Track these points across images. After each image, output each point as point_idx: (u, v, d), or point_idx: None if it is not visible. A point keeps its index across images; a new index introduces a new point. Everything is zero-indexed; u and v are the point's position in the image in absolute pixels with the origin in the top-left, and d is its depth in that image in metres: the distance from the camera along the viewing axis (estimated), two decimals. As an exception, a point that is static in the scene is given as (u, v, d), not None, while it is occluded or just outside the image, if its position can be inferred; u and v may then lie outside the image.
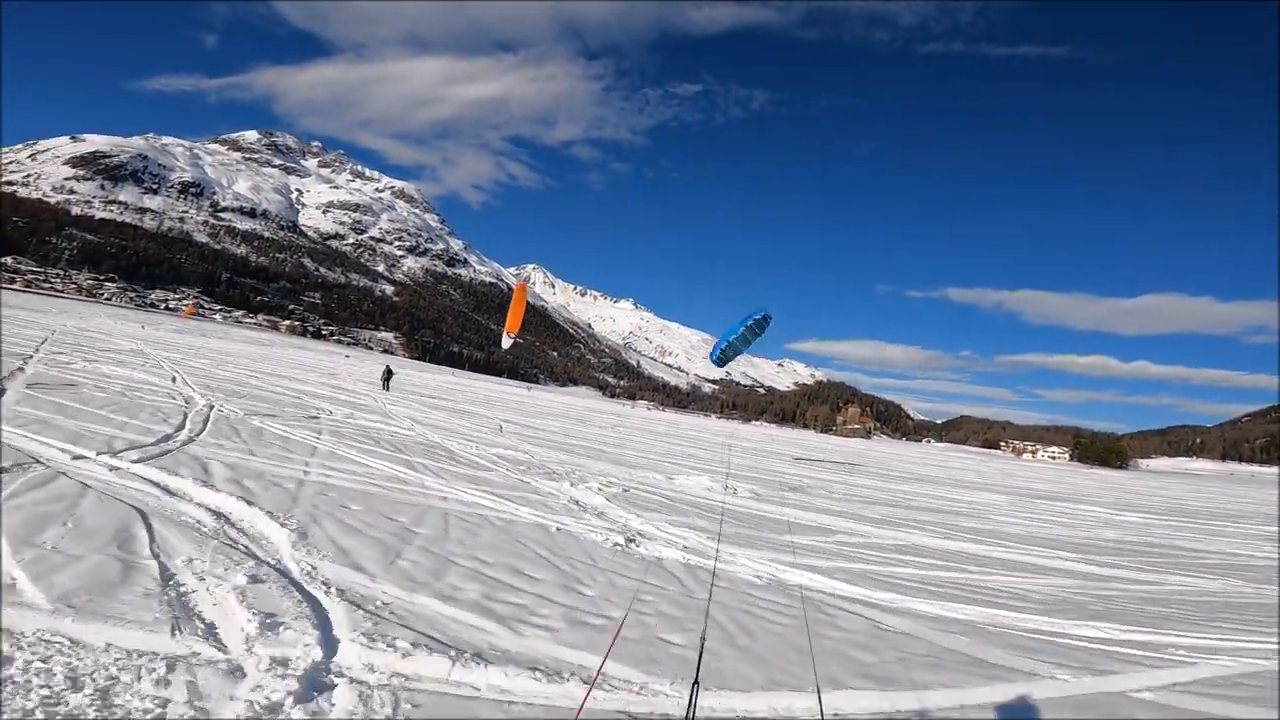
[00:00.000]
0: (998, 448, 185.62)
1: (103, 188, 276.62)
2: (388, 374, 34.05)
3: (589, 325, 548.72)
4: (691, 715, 2.27)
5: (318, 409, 16.34)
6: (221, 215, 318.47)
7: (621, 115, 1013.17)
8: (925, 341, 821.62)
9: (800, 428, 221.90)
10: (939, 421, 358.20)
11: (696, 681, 2.46)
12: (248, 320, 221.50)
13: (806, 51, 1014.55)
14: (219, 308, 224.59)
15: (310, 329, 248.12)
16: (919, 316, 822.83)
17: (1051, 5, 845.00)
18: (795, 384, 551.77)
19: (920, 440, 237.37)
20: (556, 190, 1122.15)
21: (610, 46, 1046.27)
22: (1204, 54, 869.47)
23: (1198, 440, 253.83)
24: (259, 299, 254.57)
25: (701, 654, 2.88)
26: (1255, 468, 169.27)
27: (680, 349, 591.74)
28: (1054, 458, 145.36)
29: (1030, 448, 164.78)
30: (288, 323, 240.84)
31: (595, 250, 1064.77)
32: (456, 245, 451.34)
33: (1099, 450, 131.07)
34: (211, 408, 12.89)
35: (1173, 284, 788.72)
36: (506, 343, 20.75)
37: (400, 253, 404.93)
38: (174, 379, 17.24)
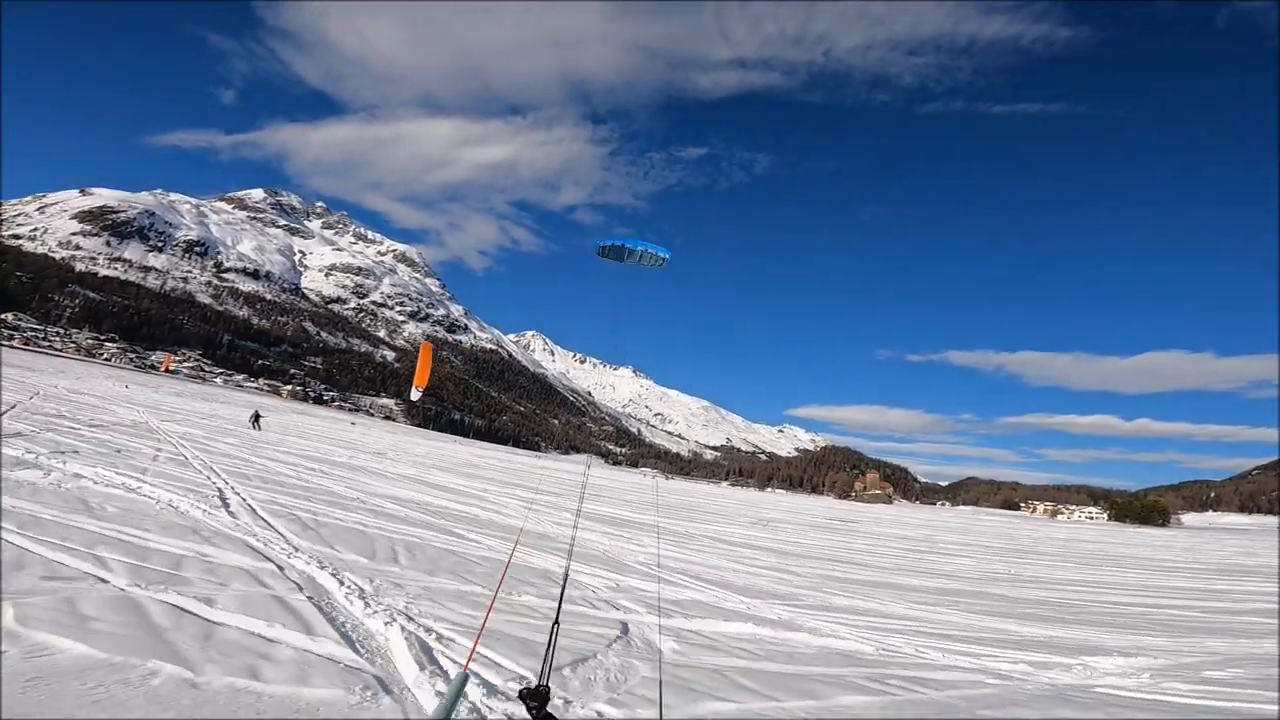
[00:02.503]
0: (1016, 509, 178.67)
1: (108, 244, 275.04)
2: (255, 417, 34.88)
3: (589, 393, 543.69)
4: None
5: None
6: (225, 276, 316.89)
7: (626, 180, 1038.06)
8: (927, 405, 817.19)
9: (809, 493, 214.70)
10: (944, 484, 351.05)
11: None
12: (249, 384, 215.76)
13: (810, 115, 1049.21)
14: (220, 371, 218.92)
15: (312, 394, 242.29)
16: (920, 380, 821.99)
17: (1048, 63, 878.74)
18: (796, 449, 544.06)
19: (935, 504, 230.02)
20: (559, 256, 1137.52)
21: (618, 110, 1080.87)
22: (1198, 109, 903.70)
23: (1212, 494, 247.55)
24: (260, 363, 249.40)
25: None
26: None
27: (680, 416, 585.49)
28: (1091, 518, 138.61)
29: (1063, 509, 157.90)
30: (289, 387, 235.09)
31: (596, 317, 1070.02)
32: (457, 311, 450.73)
33: (1139, 509, 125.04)
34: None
35: (1172, 341, 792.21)
36: (415, 395, 21.48)
37: (401, 318, 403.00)
38: (225, 502, 9.69)
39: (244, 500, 10.26)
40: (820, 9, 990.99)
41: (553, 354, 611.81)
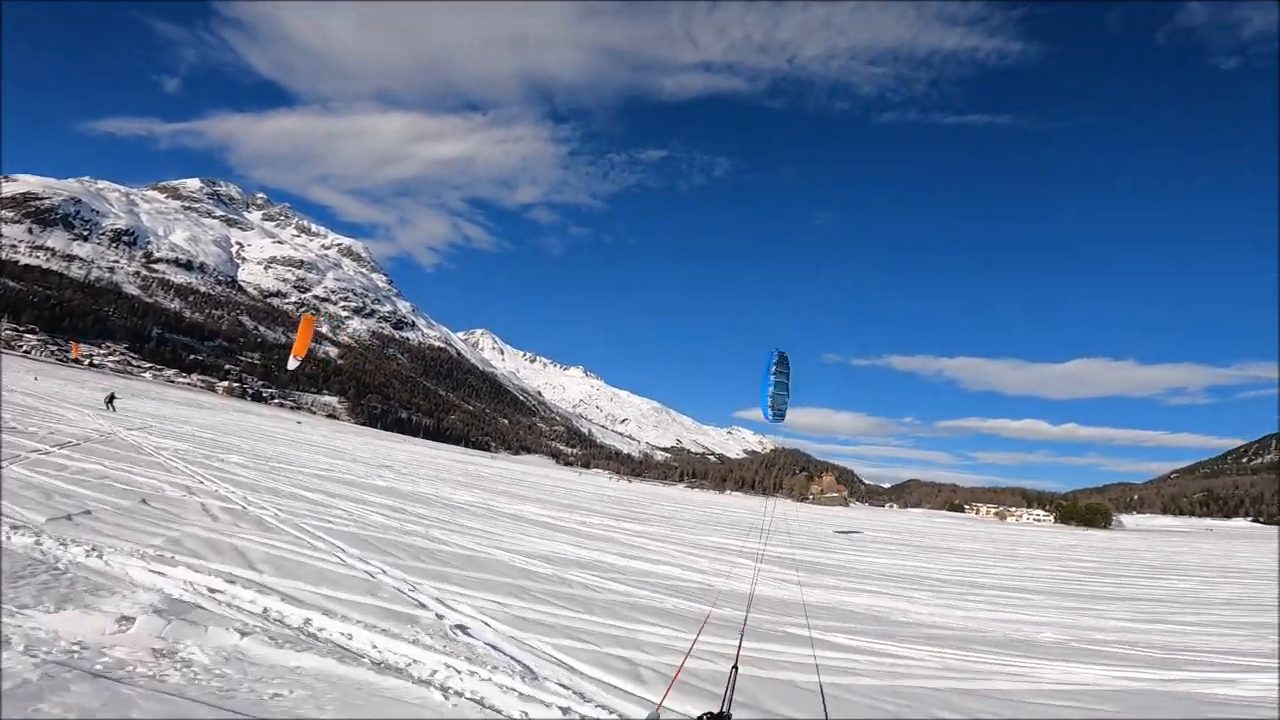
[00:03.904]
0: (961, 510, 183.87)
1: (30, 231, 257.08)
2: (110, 399, 33.56)
3: (539, 392, 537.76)
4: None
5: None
6: (155, 267, 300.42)
7: (584, 180, 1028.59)
8: (870, 408, 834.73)
9: (761, 495, 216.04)
10: (886, 485, 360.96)
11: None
12: (180, 380, 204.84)
13: (771, 120, 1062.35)
14: (148, 365, 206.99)
15: (250, 391, 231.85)
16: (864, 384, 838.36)
17: (1000, 76, 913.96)
18: (745, 451, 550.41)
19: (882, 506, 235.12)
20: (512, 254, 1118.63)
21: (580, 110, 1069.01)
22: (1135, 124, 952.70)
23: (1135, 497, 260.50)
24: (192, 357, 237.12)
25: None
26: (1222, 522, 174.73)
27: (631, 417, 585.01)
28: (1038, 520, 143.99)
29: (1011, 512, 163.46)
30: (225, 384, 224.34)
31: (547, 316, 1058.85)
32: (405, 307, 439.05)
33: (1083, 512, 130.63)
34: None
35: (1098, 348, 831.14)
36: (293, 364, 21.06)
37: (346, 313, 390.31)
38: (455, 634, 6.12)
39: (467, 618, 6.79)
40: (787, 16, 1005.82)
41: (502, 353, 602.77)
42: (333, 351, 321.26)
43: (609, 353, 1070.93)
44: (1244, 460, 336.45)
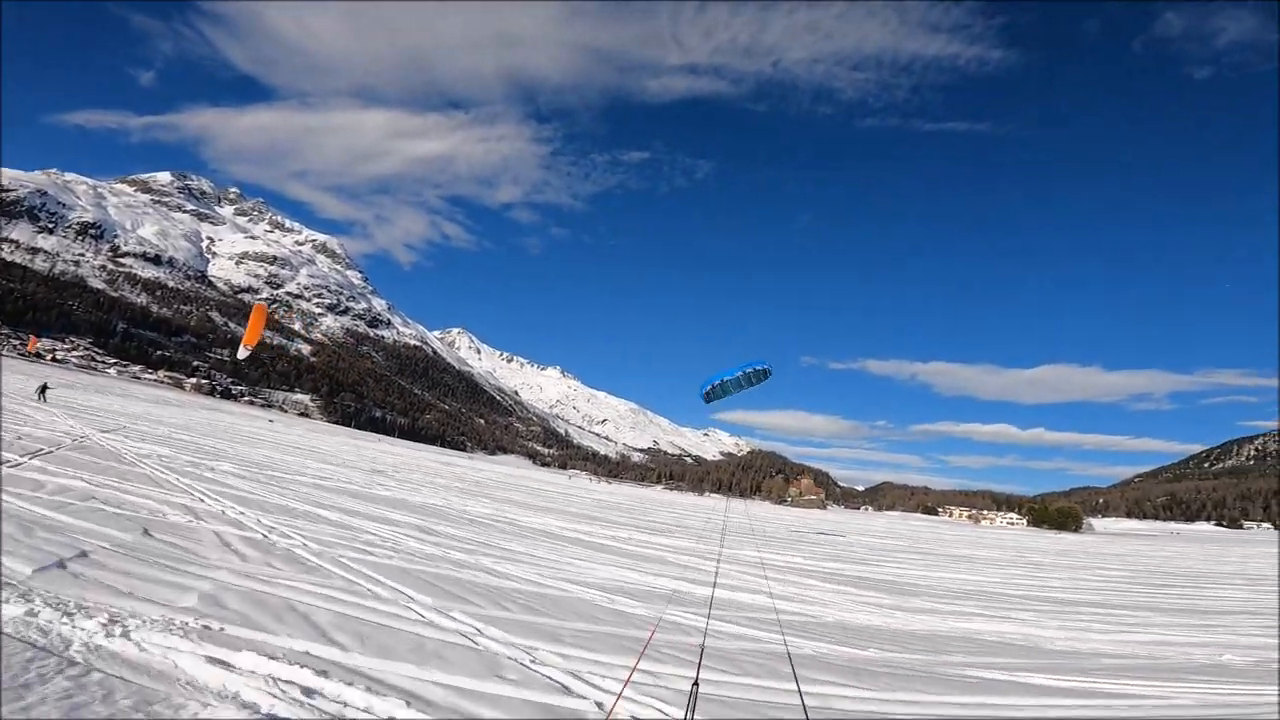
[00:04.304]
0: (935, 513, 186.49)
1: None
2: (43, 389, 33.34)
3: (516, 392, 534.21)
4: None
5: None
6: (122, 260, 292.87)
7: (566, 180, 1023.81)
8: (845, 412, 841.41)
9: (738, 498, 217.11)
10: (860, 488, 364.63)
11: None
12: (147, 376, 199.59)
13: (754, 123, 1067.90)
14: (114, 361, 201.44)
15: (219, 388, 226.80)
16: (840, 387, 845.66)
17: (979, 83, 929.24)
18: (721, 453, 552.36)
19: (858, 509, 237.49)
20: (492, 253, 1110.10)
21: (563, 110, 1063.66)
22: (1110, 132, 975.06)
23: (1101, 500, 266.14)
24: (159, 353, 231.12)
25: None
26: (1185, 525, 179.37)
27: (608, 418, 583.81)
28: (1011, 524, 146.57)
29: (985, 515, 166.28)
30: (193, 380, 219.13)
31: (525, 315, 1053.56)
32: (380, 305, 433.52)
33: (1054, 515, 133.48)
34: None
35: (1066, 355, 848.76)
36: (243, 354, 20.70)
37: (319, 310, 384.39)
38: None
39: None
40: (774, 20, 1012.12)
41: (479, 352, 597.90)
42: (305, 349, 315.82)
43: (587, 353, 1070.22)
44: (1206, 465, 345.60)
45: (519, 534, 15.75)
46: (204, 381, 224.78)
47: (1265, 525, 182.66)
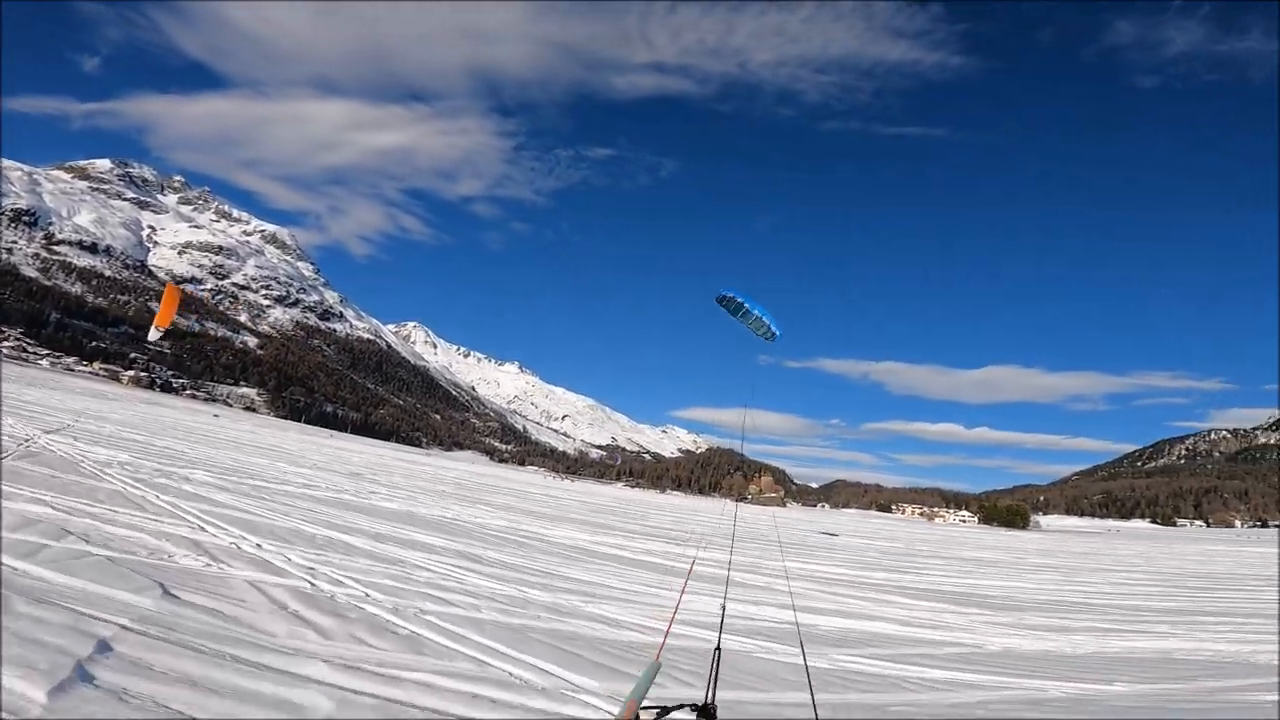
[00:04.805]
0: (888, 511, 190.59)
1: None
2: None
3: (473, 388, 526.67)
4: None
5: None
6: (56, 249, 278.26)
7: (529, 175, 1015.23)
8: (800, 410, 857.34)
9: (696, 495, 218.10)
10: (814, 485, 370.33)
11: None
12: (81, 368, 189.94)
13: (718, 124, 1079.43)
14: (46, 352, 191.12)
15: (158, 380, 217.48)
16: (795, 386, 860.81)
17: (938, 89, 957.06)
18: (679, 450, 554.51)
19: (814, 506, 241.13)
20: (450, 247, 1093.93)
21: (527, 105, 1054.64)
22: (1061, 140, 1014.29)
23: (1041, 498, 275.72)
24: (94, 344, 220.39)
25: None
26: (1122, 522, 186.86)
27: (567, 414, 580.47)
28: (964, 521, 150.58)
29: (940, 513, 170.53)
30: (130, 373, 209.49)
31: (484, 310, 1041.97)
32: (332, 297, 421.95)
33: (1004, 513, 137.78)
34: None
35: (1009, 356, 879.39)
36: (154, 335, 20.40)
37: (267, 302, 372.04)
38: None
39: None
40: (742, 22, 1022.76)
41: (435, 346, 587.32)
42: (251, 341, 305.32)
43: (546, 349, 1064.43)
44: (1139, 464, 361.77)
45: (562, 555, 14.26)
46: (142, 374, 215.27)
47: (1198, 523, 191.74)
